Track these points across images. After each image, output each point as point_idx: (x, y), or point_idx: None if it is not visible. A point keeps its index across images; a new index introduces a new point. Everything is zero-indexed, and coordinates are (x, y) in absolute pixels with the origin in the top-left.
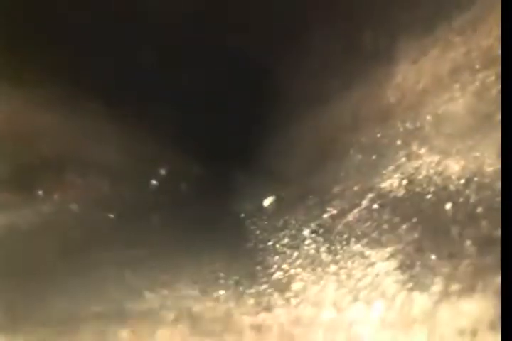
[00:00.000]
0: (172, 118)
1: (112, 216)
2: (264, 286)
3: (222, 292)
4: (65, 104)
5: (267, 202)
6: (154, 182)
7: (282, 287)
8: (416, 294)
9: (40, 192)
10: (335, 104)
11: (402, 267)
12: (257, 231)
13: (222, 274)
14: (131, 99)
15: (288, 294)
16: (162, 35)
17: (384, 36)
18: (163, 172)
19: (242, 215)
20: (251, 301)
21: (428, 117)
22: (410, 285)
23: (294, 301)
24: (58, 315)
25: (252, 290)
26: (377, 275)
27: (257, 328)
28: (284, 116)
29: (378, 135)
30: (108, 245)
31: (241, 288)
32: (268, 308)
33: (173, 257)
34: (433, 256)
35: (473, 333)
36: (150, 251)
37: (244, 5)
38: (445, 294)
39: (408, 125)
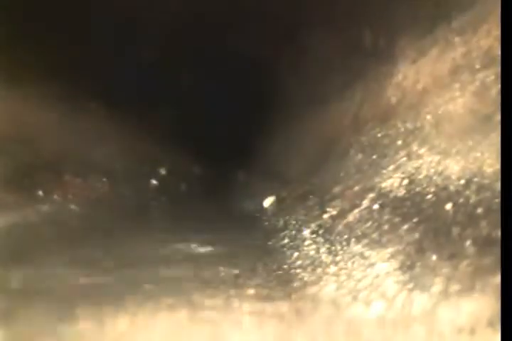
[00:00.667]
0: (172, 118)
1: (111, 216)
2: (264, 285)
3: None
4: (65, 104)
5: (267, 202)
6: (154, 182)
7: (282, 286)
8: (416, 294)
9: (40, 192)
10: (335, 104)
11: (403, 268)
12: (257, 232)
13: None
14: (131, 99)
15: (288, 290)
16: (162, 35)
17: (384, 36)
18: (163, 172)
19: (242, 216)
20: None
21: (428, 117)
22: (411, 285)
23: (293, 297)
24: (57, 303)
25: (252, 291)
26: (377, 276)
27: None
28: (284, 116)
29: (379, 135)
30: (108, 242)
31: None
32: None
33: (172, 255)
34: (433, 257)
35: (472, 332)
36: (150, 248)
37: (245, 5)
38: (445, 294)
39: (408, 125)
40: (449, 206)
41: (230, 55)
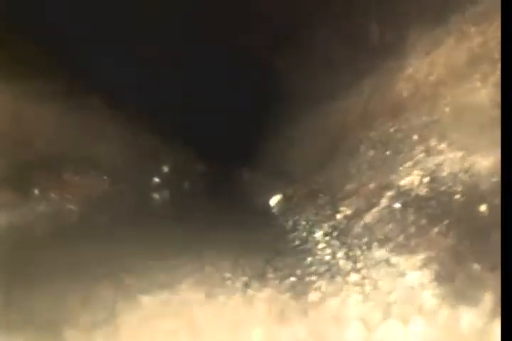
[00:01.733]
0: (174, 117)
1: (111, 215)
2: (275, 295)
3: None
4: (65, 102)
5: (274, 200)
6: (157, 179)
7: (297, 297)
8: (462, 310)
9: (39, 191)
10: (345, 98)
11: (439, 278)
12: (264, 234)
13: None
14: (133, 97)
15: (304, 305)
16: (162, 34)
17: (394, 28)
18: (165, 169)
19: (247, 216)
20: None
21: (447, 110)
22: (451, 299)
23: (311, 314)
24: (43, 324)
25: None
26: (411, 287)
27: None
28: (294, 110)
29: (392, 129)
30: (108, 242)
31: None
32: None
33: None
34: (474, 266)
35: None
36: (150, 249)
37: (245, 4)
38: (495, 310)
39: (424, 118)
40: (483, 207)
41: (236, 53)
